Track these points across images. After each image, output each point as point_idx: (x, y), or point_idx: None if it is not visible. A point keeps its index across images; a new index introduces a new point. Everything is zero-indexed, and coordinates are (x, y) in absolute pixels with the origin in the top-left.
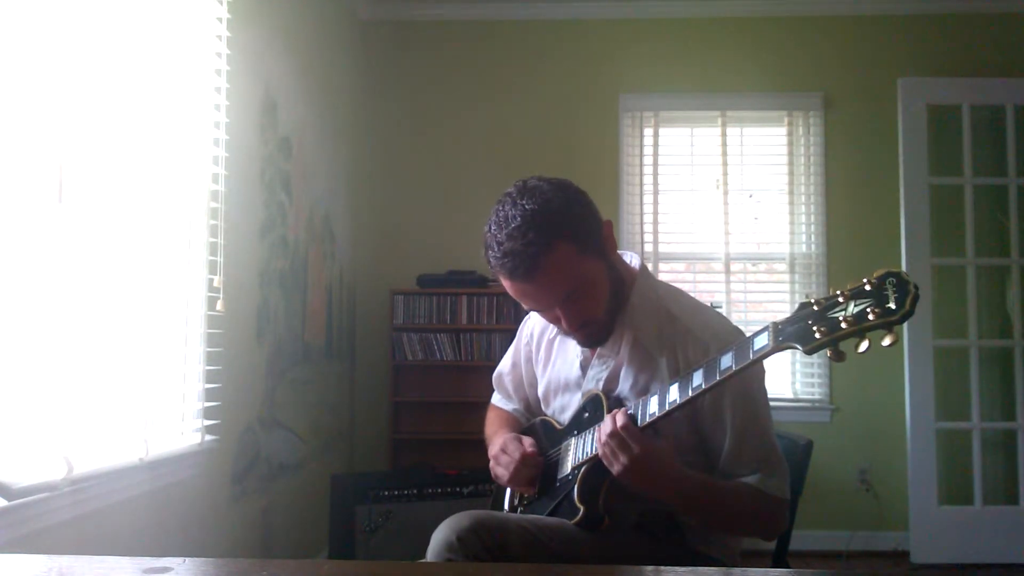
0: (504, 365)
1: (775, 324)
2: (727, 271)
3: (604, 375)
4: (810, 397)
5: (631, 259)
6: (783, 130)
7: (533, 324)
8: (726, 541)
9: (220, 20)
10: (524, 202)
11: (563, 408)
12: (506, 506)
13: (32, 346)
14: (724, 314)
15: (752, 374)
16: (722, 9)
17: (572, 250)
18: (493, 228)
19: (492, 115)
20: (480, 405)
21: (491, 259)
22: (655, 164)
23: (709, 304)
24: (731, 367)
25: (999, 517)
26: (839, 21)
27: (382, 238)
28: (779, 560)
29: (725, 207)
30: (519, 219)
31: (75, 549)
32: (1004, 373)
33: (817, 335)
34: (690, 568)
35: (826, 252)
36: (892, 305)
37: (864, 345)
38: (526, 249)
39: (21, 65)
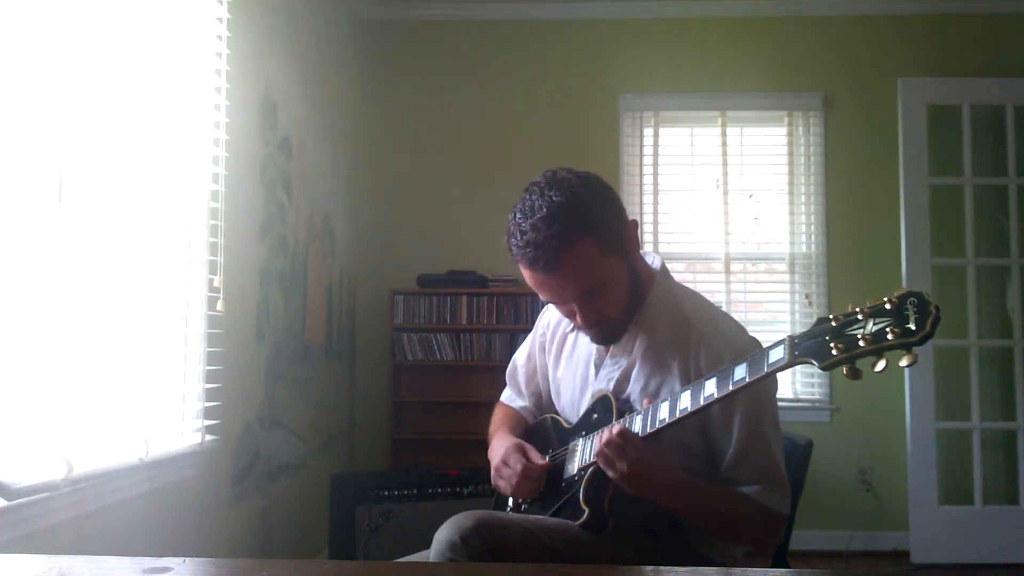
0: (520, 356)
1: (791, 338)
2: (727, 271)
3: (616, 375)
4: (810, 397)
5: (652, 260)
6: (783, 130)
7: (550, 316)
8: (730, 544)
9: (220, 20)
10: (552, 193)
11: (572, 405)
12: (509, 505)
13: (32, 346)
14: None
15: (764, 390)
16: (722, 9)
17: (594, 248)
18: (518, 216)
19: (492, 115)
20: (480, 405)
21: (513, 247)
22: (655, 164)
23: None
24: (744, 378)
25: (999, 517)
26: (839, 21)
27: (382, 238)
28: (779, 560)
29: (725, 207)
30: (545, 210)
31: (75, 549)
32: (1004, 373)
33: (834, 351)
34: (690, 568)
35: (826, 252)
36: (912, 326)
37: (881, 364)
38: (549, 242)
39: (21, 65)
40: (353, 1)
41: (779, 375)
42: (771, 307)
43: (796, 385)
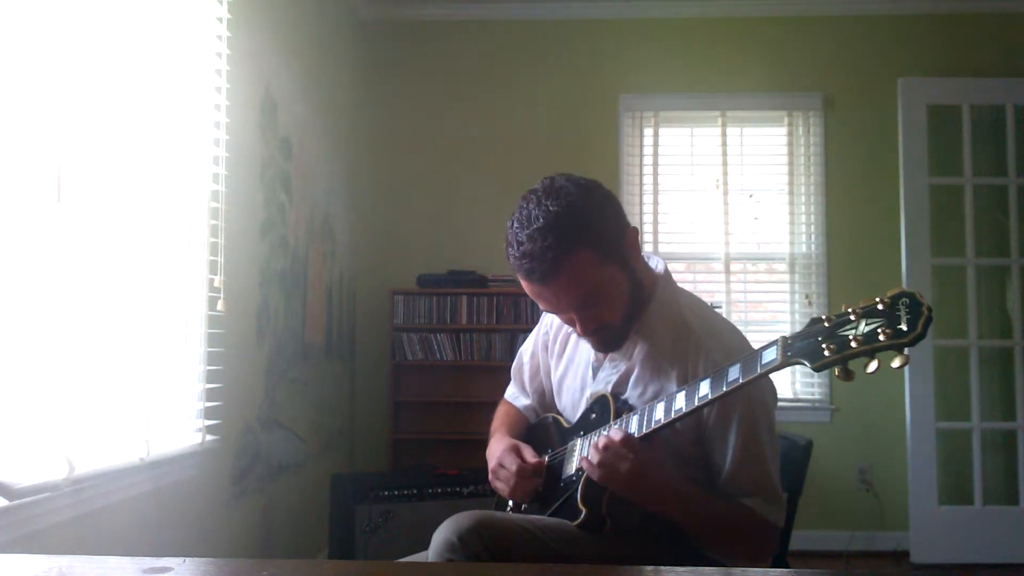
0: (525, 352)
1: (784, 339)
2: (727, 271)
3: (614, 378)
4: (810, 397)
5: (656, 264)
6: (783, 130)
7: (553, 315)
8: (721, 555)
9: (220, 20)
10: (548, 203)
11: (572, 405)
12: (509, 505)
13: (33, 346)
14: (724, 314)
15: (761, 401)
16: (722, 9)
17: (592, 257)
18: (515, 226)
19: (492, 115)
20: (480, 405)
21: (510, 256)
22: (655, 164)
23: (709, 304)
24: (738, 379)
25: (999, 517)
26: (839, 21)
27: (382, 238)
28: (779, 560)
29: (725, 207)
30: (541, 220)
31: (75, 549)
32: (1004, 373)
33: (826, 352)
34: (690, 568)
35: (826, 252)
36: (904, 327)
37: (873, 365)
38: (544, 253)
39: (21, 65)
40: (353, 1)
41: (778, 376)
42: (771, 307)
43: (796, 385)
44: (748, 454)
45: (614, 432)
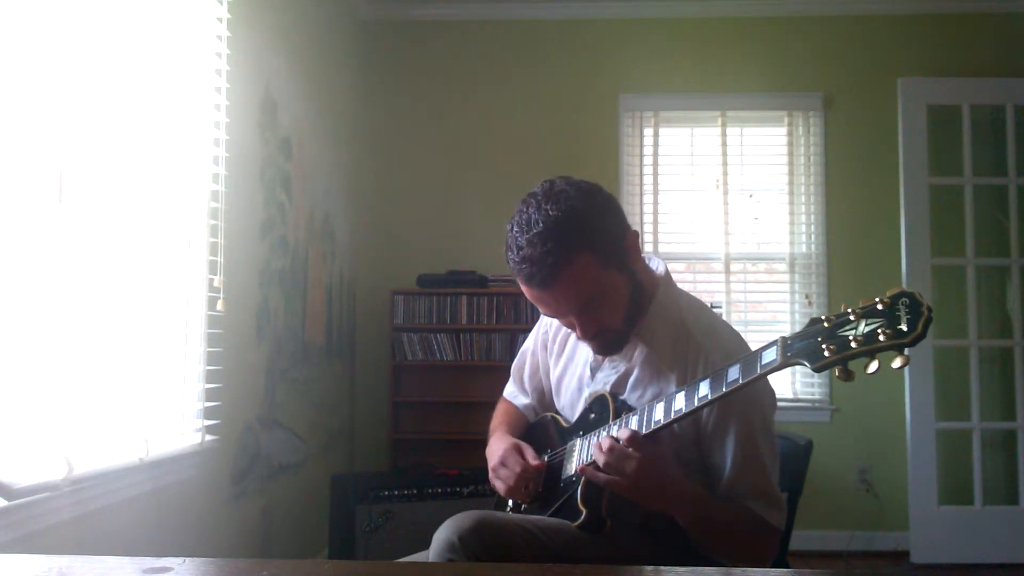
0: (527, 350)
1: (784, 339)
2: (727, 271)
3: (612, 379)
4: (810, 397)
5: (657, 265)
6: (783, 130)
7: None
8: (723, 557)
9: (220, 20)
10: (548, 207)
11: (571, 405)
12: (509, 505)
13: (32, 346)
14: (724, 314)
15: (759, 404)
16: (722, 9)
17: (592, 262)
18: (515, 230)
19: (492, 115)
20: (480, 405)
21: (510, 261)
22: (655, 164)
23: (709, 304)
24: (738, 380)
25: (999, 517)
26: (839, 21)
27: (382, 238)
28: (779, 560)
29: (725, 207)
30: (541, 225)
31: (75, 549)
32: (1004, 373)
33: (826, 352)
34: (690, 568)
35: (826, 252)
36: (904, 327)
37: (874, 366)
38: (544, 258)
39: (21, 65)
40: (353, 1)
41: (779, 376)
42: (771, 307)
43: (796, 385)
44: (747, 459)
45: (618, 431)
